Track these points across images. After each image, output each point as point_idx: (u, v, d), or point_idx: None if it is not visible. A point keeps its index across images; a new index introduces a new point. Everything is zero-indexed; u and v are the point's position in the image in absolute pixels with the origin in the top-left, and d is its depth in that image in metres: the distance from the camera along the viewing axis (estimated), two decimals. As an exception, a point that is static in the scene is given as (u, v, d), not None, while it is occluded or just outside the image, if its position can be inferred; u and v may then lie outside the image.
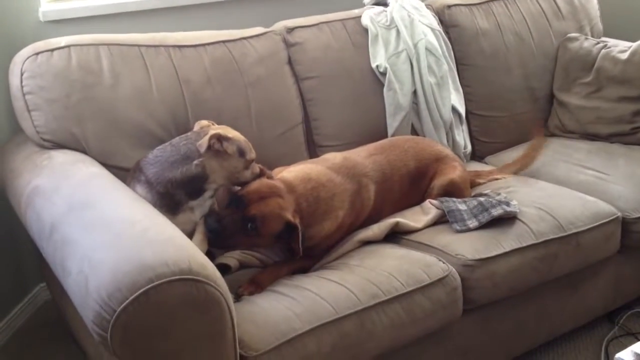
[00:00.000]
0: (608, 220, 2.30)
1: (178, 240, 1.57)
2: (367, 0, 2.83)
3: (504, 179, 2.54)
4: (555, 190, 2.42)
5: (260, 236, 1.94)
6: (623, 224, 2.36)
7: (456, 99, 2.75)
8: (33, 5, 2.48)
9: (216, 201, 2.00)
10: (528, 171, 2.64)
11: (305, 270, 2.04)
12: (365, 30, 2.67)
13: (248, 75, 2.39)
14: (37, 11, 2.49)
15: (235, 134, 1.98)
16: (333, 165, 2.18)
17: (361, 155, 2.28)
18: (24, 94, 2.09)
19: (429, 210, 2.24)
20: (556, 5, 3.08)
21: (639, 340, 2.33)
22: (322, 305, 1.78)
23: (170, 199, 1.89)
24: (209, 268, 1.50)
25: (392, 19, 2.70)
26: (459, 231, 2.13)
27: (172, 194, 1.89)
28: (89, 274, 1.47)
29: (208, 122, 2.05)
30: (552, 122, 2.99)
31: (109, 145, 2.14)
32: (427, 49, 2.67)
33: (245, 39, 2.45)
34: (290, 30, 2.56)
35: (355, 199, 2.15)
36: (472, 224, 2.14)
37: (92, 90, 2.13)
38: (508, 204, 2.19)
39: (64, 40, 2.16)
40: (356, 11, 2.75)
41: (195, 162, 1.89)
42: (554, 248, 2.17)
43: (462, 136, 2.78)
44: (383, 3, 2.80)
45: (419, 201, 2.31)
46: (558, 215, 2.23)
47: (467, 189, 2.40)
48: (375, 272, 1.92)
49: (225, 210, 1.95)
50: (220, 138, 1.90)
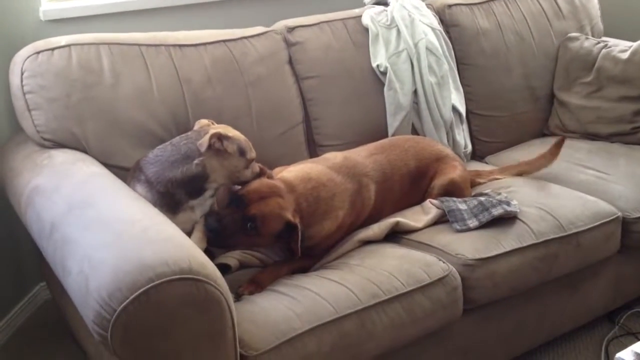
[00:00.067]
0: (608, 220, 2.30)
1: (178, 239, 1.57)
2: (368, -1, 2.84)
3: (504, 179, 2.54)
4: (555, 190, 2.42)
5: (260, 236, 1.94)
6: (623, 224, 2.36)
7: (457, 98, 2.74)
8: (33, 5, 2.48)
9: (216, 200, 1.99)
10: (528, 171, 2.64)
11: (305, 269, 2.04)
12: (366, 29, 2.67)
13: (248, 75, 2.39)
14: (38, 10, 2.49)
15: (236, 133, 1.98)
16: (333, 164, 2.18)
17: (361, 155, 2.27)
18: (24, 93, 2.08)
19: (429, 209, 2.24)
20: (557, 4, 3.08)
21: (639, 340, 2.33)
22: (322, 305, 1.78)
23: (171, 198, 1.89)
24: (209, 267, 1.50)
25: (393, 18, 2.70)
26: (459, 231, 2.13)
27: (173, 194, 1.89)
28: (89, 274, 1.47)
29: (208, 122, 2.04)
30: (553, 122, 2.99)
31: (109, 144, 2.14)
32: (428, 49, 2.66)
33: (246, 38, 2.45)
34: (291, 29, 2.56)
35: (355, 198, 2.15)
36: (473, 223, 2.14)
37: (93, 89, 2.13)
38: (508, 204, 2.19)
39: (64, 40, 2.16)
40: (357, 11, 2.75)
41: (195, 162, 1.89)
42: (554, 248, 2.17)
43: (463, 136, 2.77)
44: (383, 2, 2.80)
45: (419, 201, 2.31)
46: (558, 215, 2.23)
47: (468, 189, 2.39)
48: (375, 272, 1.92)
49: (225, 210, 1.95)
50: (220, 137, 1.90)
